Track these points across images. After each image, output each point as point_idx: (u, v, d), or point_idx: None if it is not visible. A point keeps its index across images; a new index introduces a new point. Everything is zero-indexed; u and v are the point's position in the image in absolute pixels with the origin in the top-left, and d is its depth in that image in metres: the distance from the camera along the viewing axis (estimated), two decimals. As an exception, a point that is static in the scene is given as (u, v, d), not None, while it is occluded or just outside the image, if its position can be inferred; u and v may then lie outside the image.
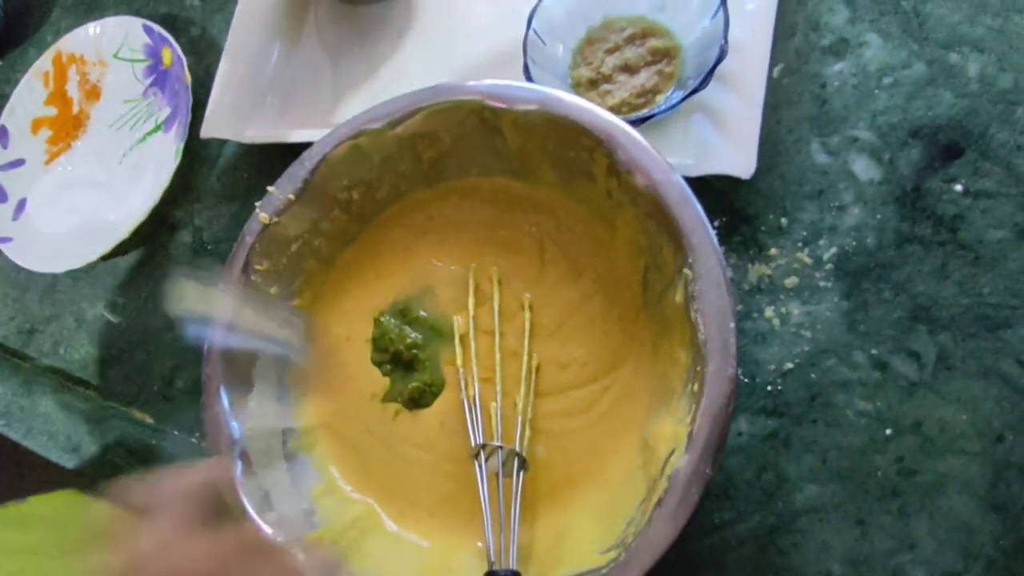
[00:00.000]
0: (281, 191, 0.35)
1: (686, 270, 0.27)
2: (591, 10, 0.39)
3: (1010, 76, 0.34)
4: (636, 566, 0.25)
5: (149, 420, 0.47)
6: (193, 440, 0.45)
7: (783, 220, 0.36)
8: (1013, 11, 0.35)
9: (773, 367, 0.34)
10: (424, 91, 0.34)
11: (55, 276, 0.52)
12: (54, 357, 0.52)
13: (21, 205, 0.56)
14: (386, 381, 0.37)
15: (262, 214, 0.35)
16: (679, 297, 0.28)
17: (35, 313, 0.54)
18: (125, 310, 0.51)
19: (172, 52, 0.52)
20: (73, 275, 0.52)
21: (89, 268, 0.51)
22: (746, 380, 0.35)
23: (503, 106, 0.32)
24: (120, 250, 0.50)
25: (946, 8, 0.36)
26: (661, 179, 0.28)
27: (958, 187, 0.33)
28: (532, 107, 0.32)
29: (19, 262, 0.53)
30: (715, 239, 0.28)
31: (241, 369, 0.35)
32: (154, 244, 0.51)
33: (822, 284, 0.35)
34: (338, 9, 0.49)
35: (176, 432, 0.45)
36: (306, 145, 0.36)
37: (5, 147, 0.58)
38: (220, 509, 0.35)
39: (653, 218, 0.30)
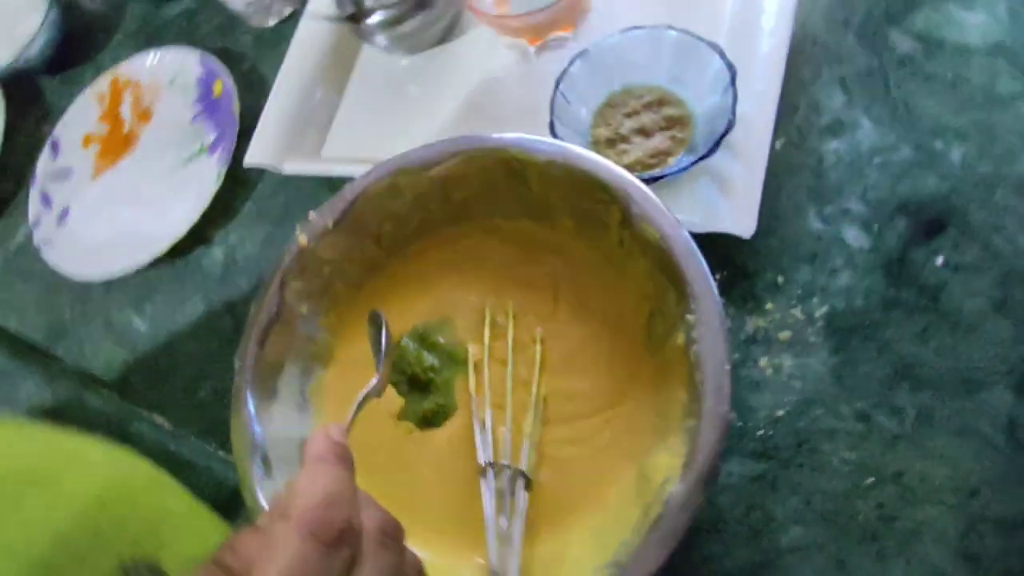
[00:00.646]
0: (321, 217, 0.39)
1: (688, 316, 0.30)
2: (613, 77, 0.43)
3: (989, 163, 0.38)
4: (630, 584, 0.27)
5: (168, 425, 0.49)
6: (209, 448, 0.47)
7: (779, 278, 0.39)
8: (994, 105, 0.39)
9: (765, 413, 0.37)
10: (459, 139, 0.37)
11: (88, 282, 0.55)
12: (80, 359, 0.54)
13: (65, 213, 0.60)
14: (401, 401, 0.39)
15: (302, 237, 0.39)
16: (680, 340, 0.31)
17: (66, 317, 0.57)
18: (153, 318, 0.53)
19: (224, 84, 0.56)
20: (106, 283, 0.55)
21: (124, 278, 0.54)
22: (739, 424, 0.37)
23: (529, 157, 0.36)
24: (156, 263, 0.53)
25: (932, 100, 0.40)
26: (670, 233, 0.32)
27: (940, 259, 0.37)
28: (556, 160, 0.35)
29: (57, 266, 0.56)
30: (716, 290, 0.31)
31: (268, 379, 0.38)
32: (187, 257, 0.54)
33: (813, 339, 0.37)
34: (382, 59, 0.54)
35: (194, 438, 0.47)
36: (339, 180, 0.40)
37: (55, 158, 0.62)
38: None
39: (660, 268, 0.33)
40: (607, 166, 0.34)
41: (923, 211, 0.38)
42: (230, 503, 0.43)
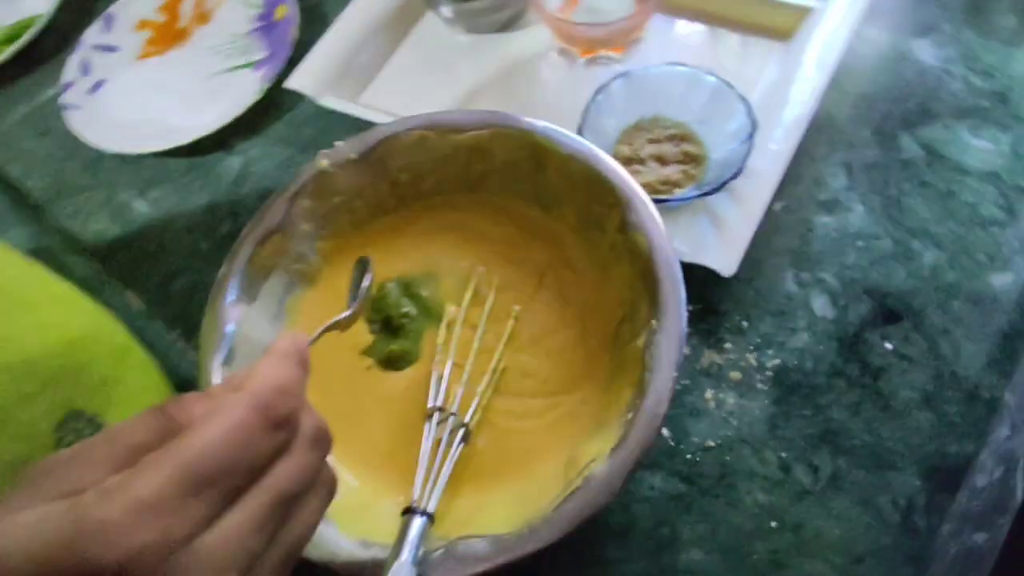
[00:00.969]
0: (347, 148, 0.41)
1: (653, 321, 0.33)
2: (647, 103, 0.46)
3: (956, 273, 0.41)
4: (534, 540, 0.29)
5: (139, 305, 0.50)
6: (170, 337, 0.48)
7: (744, 323, 0.42)
8: (974, 224, 0.42)
9: (697, 440, 0.39)
10: (495, 113, 0.40)
11: (102, 154, 0.57)
12: (72, 222, 0.55)
13: (99, 84, 0.61)
14: (370, 339, 0.41)
15: (323, 160, 0.41)
16: (641, 342, 0.33)
17: (71, 180, 0.58)
18: (155, 204, 0.55)
19: (288, 9, 0.58)
20: (120, 159, 0.56)
21: (137, 158, 0.56)
22: (672, 443, 0.39)
23: (555, 147, 0.38)
24: (173, 153, 0.55)
25: (923, 205, 0.43)
26: (658, 246, 0.34)
27: (889, 345, 0.40)
28: (577, 156, 0.38)
29: (77, 130, 0.57)
30: (684, 307, 0.33)
31: (253, 281, 0.39)
32: (206, 157, 0.55)
33: (759, 386, 0.40)
34: (440, 30, 0.56)
35: (160, 323, 0.48)
36: (368, 125, 0.42)
37: (106, 31, 0.63)
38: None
39: (642, 277, 0.35)
40: (621, 173, 0.37)
41: (886, 299, 0.41)
42: (177, 391, 0.44)
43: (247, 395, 0.20)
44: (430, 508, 0.30)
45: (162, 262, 0.52)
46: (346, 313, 0.34)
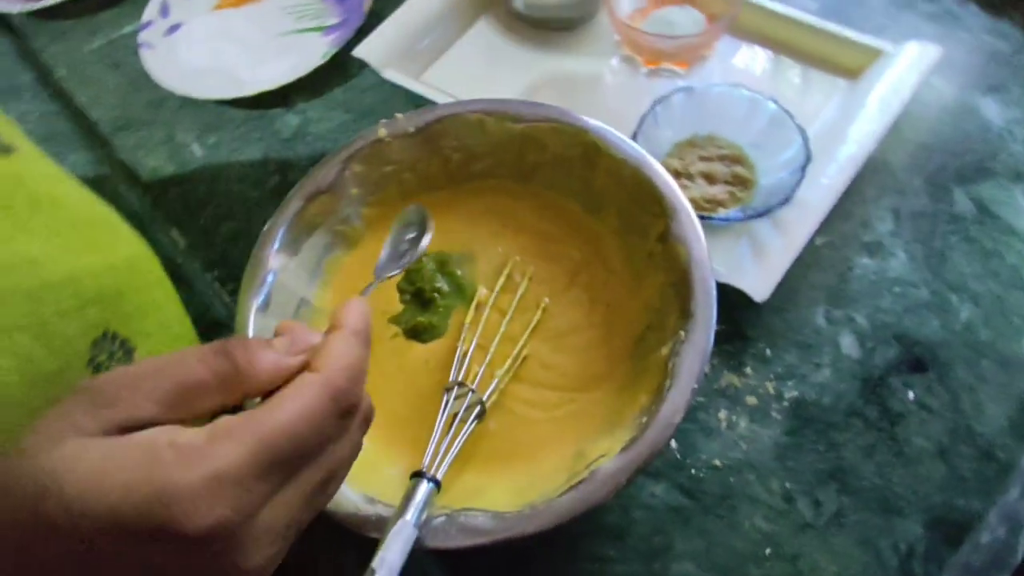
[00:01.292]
0: (406, 121, 0.42)
1: (681, 332, 0.33)
2: (704, 121, 0.46)
3: (989, 332, 0.41)
4: (534, 522, 0.29)
5: (183, 244, 0.51)
6: (208, 277, 0.49)
7: (768, 351, 0.42)
8: (1015, 287, 0.42)
9: (705, 457, 0.39)
10: (555, 108, 0.41)
11: (168, 95, 0.58)
12: (131, 156, 0.57)
13: (175, 27, 0.63)
14: (400, 308, 0.42)
15: (382, 129, 0.42)
16: (664, 352, 0.34)
17: (135, 115, 0.60)
18: (211, 149, 0.56)
19: (365, -19, 0.60)
20: (185, 101, 0.58)
21: (200, 103, 0.57)
22: (678, 456, 0.40)
23: (608, 149, 0.39)
24: (235, 103, 0.56)
25: (966, 260, 0.43)
26: (698, 260, 0.35)
27: (911, 394, 0.39)
28: (629, 160, 0.38)
29: (149, 69, 0.59)
30: (714, 321, 0.33)
31: (297, 235, 0.41)
32: (266, 112, 0.57)
33: (774, 414, 0.40)
34: (510, 20, 0.57)
35: (199, 264, 0.50)
36: (426, 101, 0.43)
37: (188, -22, 0.65)
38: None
39: (675, 287, 0.36)
40: (671, 184, 0.37)
41: (915, 347, 0.41)
42: (205, 331, 0.46)
43: (322, 380, 0.20)
44: (439, 475, 0.31)
45: (210, 205, 0.53)
46: (396, 271, 0.34)
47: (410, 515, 0.29)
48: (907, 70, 0.46)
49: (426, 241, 0.36)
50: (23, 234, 0.28)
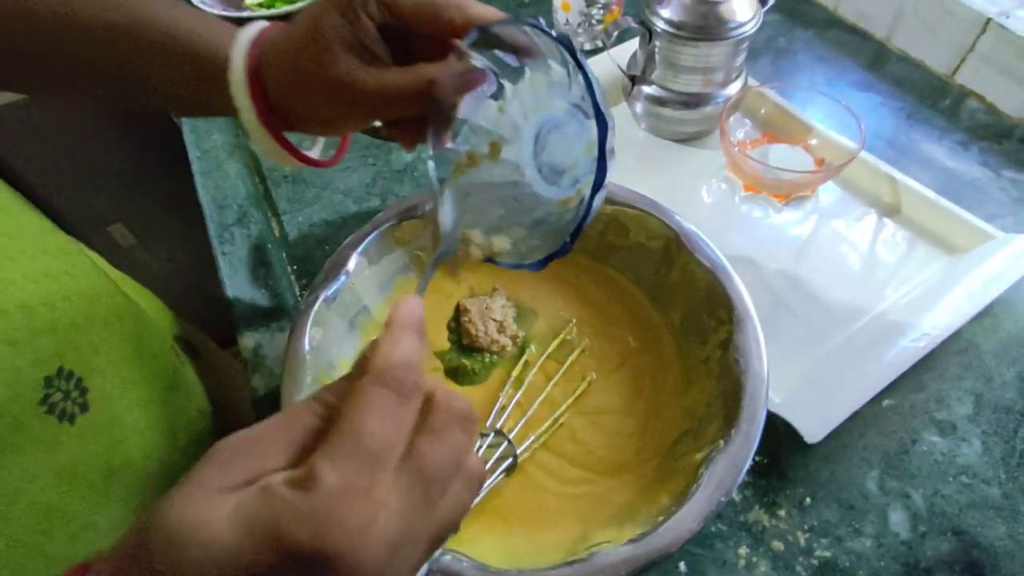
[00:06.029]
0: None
1: (721, 441, 0.32)
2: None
3: (1062, 558, 0.36)
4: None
5: (278, 231, 0.55)
6: (288, 269, 0.52)
7: (807, 500, 0.39)
8: (1100, 519, 0.38)
9: (712, 591, 0.36)
10: (648, 199, 0.42)
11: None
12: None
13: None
14: (447, 346, 0.43)
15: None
16: (700, 456, 0.32)
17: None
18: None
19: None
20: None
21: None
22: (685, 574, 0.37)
23: (690, 251, 0.40)
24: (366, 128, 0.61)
25: (1048, 470, 0.39)
26: (755, 372, 0.34)
27: (960, 597, 0.35)
28: (706, 265, 0.39)
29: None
30: (755, 443, 0.32)
31: (383, 246, 0.43)
32: (385, 142, 0.62)
33: (799, 569, 0.37)
34: (629, 120, 0.61)
35: (287, 256, 0.53)
36: None
37: None
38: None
39: (723, 396, 0.35)
40: (744, 296, 0.37)
41: (973, 549, 0.37)
42: (269, 313, 0.48)
43: (368, 375, 0.20)
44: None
45: (315, 206, 0.57)
46: (443, 248, 0.32)
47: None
48: (1015, 258, 0.45)
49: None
50: None
